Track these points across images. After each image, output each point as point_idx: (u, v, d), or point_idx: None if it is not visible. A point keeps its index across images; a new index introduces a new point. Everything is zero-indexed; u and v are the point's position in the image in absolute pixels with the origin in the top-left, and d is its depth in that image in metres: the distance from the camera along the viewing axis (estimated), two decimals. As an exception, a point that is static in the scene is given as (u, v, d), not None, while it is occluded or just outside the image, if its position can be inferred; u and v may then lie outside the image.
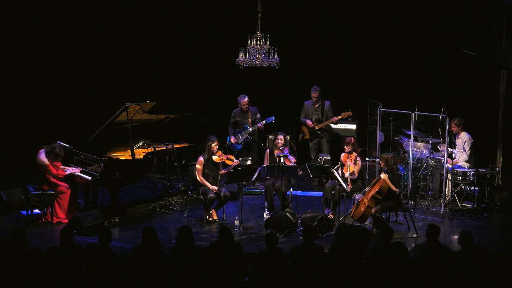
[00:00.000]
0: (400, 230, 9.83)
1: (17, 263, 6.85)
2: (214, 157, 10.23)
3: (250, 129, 12.04)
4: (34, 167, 9.98)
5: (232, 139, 12.11)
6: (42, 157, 9.85)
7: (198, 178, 10.23)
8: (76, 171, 10.10)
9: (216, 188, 10.17)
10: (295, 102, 13.03)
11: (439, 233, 7.61)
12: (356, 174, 10.34)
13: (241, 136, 12.06)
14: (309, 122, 12.21)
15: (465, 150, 11.16)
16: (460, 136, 11.23)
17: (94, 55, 13.68)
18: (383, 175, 9.63)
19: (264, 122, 11.96)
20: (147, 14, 13.76)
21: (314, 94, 12.16)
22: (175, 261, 6.92)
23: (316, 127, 12.20)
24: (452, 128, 11.09)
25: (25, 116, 13.49)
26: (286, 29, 13.28)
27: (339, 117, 12.06)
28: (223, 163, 10.37)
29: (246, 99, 12.09)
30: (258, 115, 12.16)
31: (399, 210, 9.88)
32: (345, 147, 10.51)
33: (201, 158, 10.26)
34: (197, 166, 10.25)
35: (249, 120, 12.08)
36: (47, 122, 13.49)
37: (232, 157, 10.49)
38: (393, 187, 9.58)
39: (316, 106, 12.22)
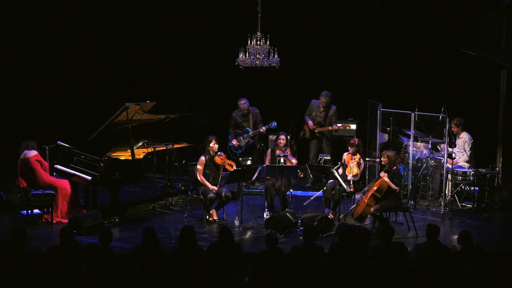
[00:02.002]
0: (400, 230, 9.82)
1: (17, 263, 6.85)
2: (217, 158, 10.23)
3: (251, 133, 11.97)
4: (26, 172, 9.94)
5: (234, 142, 12.04)
6: (28, 152, 9.88)
7: (198, 178, 10.23)
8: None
9: (216, 188, 10.17)
10: (295, 102, 13.04)
11: (438, 232, 7.61)
12: (359, 176, 10.34)
13: (243, 139, 12.00)
14: (310, 123, 12.16)
15: (465, 151, 11.16)
16: (461, 136, 11.23)
17: (94, 55, 13.69)
18: (382, 174, 9.64)
19: (266, 127, 11.85)
20: (147, 13, 13.77)
21: (323, 100, 12.00)
22: (175, 261, 6.91)
23: (316, 130, 12.16)
24: (453, 129, 11.09)
25: (25, 115, 13.48)
26: (286, 29, 13.29)
27: (340, 126, 12.02)
28: (224, 166, 10.35)
29: (247, 104, 11.95)
30: (260, 117, 12.09)
31: (399, 210, 9.89)
32: (349, 148, 10.49)
33: (202, 158, 10.26)
34: (198, 166, 10.25)
35: (250, 122, 12.03)
36: (47, 122, 13.48)
37: (233, 163, 10.49)
38: (393, 186, 9.58)
39: (322, 110, 12.15)
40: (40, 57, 13.52)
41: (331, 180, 10.31)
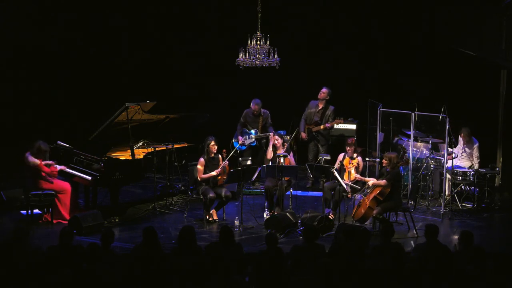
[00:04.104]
0: (400, 230, 9.83)
1: (17, 263, 6.85)
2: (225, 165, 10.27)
3: (257, 135, 11.92)
4: (25, 169, 9.91)
5: (240, 139, 12.01)
6: (31, 158, 9.79)
7: (198, 177, 10.23)
8: (63, 168, 10.08)
9: (219, 170, 10.15)
10: (295, 102, 13.03)
11: (437, 232, 7.61)
12: (357, 178, 10.34)
13: (249, 138, 11.97)
14: (303, 134, 12.17)
15: (475, 156, 11.23)
16: (470, 143, 11.32)
17: (93, 54, 13.69)
18: (371, 183, 9.66)
19: (274, 132, 11.77)
20: (148, 13, 13.77)
21: (324, 91, 12.04)
22: (175, 261, 6.92)
23: (313, 130, 12.16)
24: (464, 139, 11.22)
25: (25, 115, 13.49)
26: (286, 29, 13.29)
27: (332, 123, 12.02)
28: (224, 168, 10.35)
29: (258, 106, 11.94)
30: (270, 120, 12.06)
31: (399, 210, 9.88)
32: (347, 148, 10.47)
33: (202, 159, 10.26)
34: (198, 166, 10.25)
35: (260, 124, 12.01)
36: (47, 122, 13.48)
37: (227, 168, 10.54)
38: (381, 182, 9.59)
39: (320, 108, 12.15)
40: (41, 58, 13.51)
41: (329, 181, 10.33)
